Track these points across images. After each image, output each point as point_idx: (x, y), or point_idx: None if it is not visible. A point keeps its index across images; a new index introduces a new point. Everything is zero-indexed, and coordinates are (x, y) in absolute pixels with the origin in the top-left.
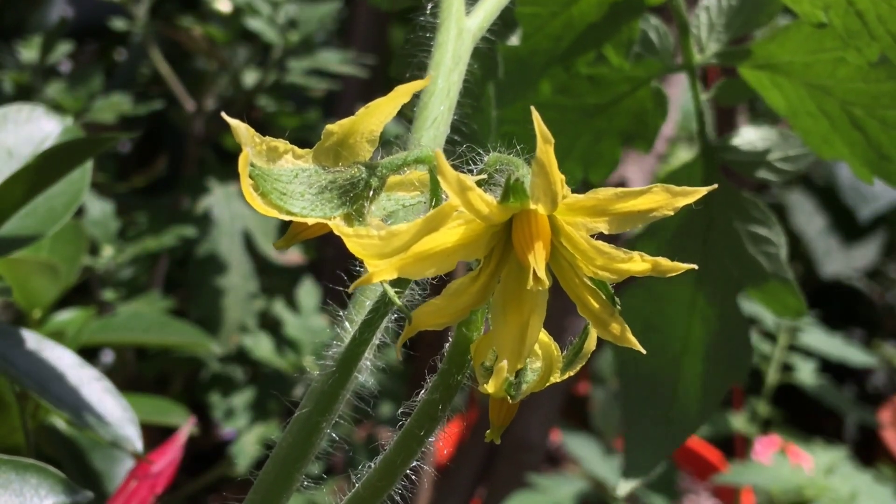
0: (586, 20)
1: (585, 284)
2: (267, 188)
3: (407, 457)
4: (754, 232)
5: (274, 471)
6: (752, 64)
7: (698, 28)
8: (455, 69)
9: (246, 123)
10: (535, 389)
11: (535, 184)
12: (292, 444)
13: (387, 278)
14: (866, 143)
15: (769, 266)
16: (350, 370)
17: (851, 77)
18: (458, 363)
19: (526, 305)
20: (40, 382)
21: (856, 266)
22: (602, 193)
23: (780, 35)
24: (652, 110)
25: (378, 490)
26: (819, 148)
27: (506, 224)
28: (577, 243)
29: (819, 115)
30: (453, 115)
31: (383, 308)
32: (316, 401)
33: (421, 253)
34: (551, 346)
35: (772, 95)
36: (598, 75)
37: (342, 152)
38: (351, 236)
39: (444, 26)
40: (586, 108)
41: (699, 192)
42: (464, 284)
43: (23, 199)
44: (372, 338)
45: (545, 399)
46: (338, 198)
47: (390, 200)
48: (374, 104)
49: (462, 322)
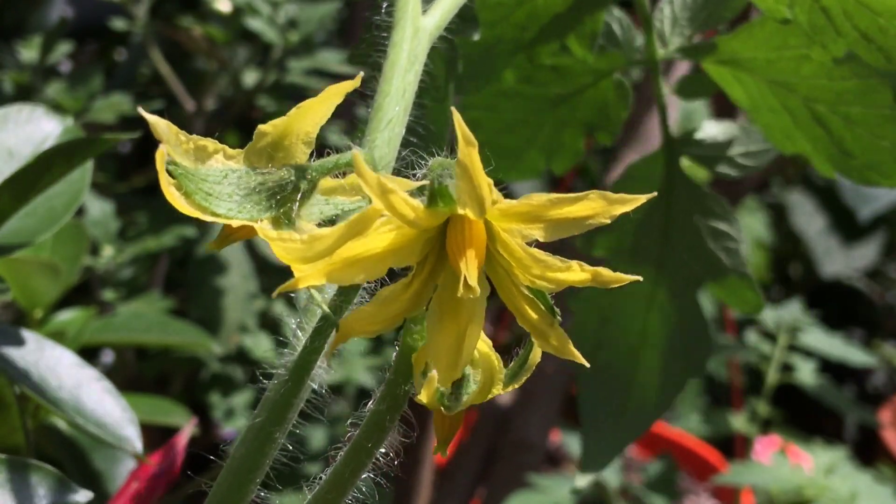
0: (551, 11)
1: (523, 294)
2: (191, 188)
3: (356, 469)
4: (714, 227)
5: (227, 481)
6: (715, 59)
7: (661, 22)
8: (411, 69)
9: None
10: (475, 401)
11: (460, 188)
12: (245, 454)
13: (313, 283)
14: (829, 139)
15: (729, 261)
16: (303, 379)
17: (815, 74)
18: (404, 373)
19: (463, 314)
20: (40, 382)
21: (856, 266)
22: (536, 199)
23: (744, 31)
24: (614, 102)
25: (328, 503)
26: (781, 143)
27: (441, 229)
28: (513, 251)
29: (781, 111)
30: (410, 117)
31: (333, 316)
32: (269, 410)
33: (349, 258)
34: (492, 357)
35: (734, 91)
36: (562, 65)
37: (276, 154)
38: (275, 240)
39: (399, 25)
40: (549, 97)
41: (638, 199)
42: (395, 291)
43: (23, 199)
44: (323, 345)
45: (545, 399)
46: (265, 200)
47: (329, 205)
48: (305, 104)
49: (406, 331)
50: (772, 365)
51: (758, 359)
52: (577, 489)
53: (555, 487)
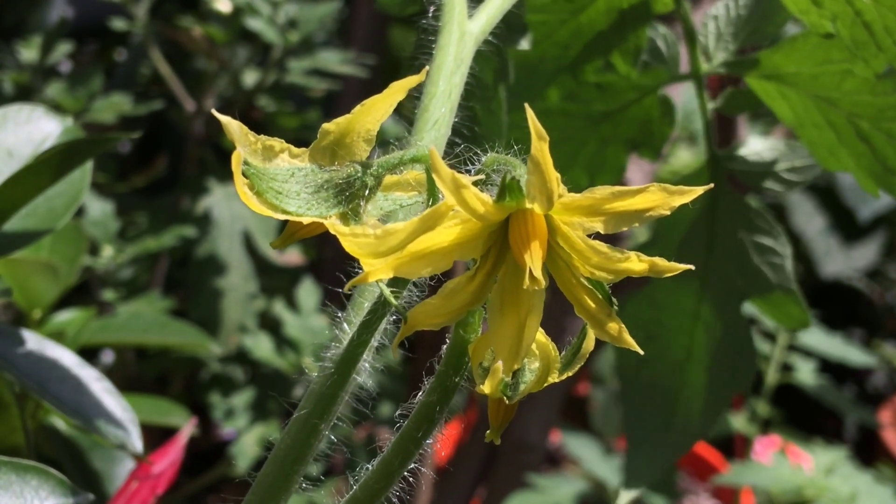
0: (594, 28)
1: (582, 284)
2: (262, 187)
3: (405, 459)
4: (759, 242)
5: (272, 472)
6: (758, 74)
7: (706, 37)
8: (457, 72)
9: (243, 123)
10: (532, 390)
11: (531, 182)
12: (291, 445)
13: (383, 277)
14: (872, 155)
15: (774, 277)
16: (348, 372)
17: (858, 89)
18: (455, 365)
19: (523, 305)
20: (40, 382)
21: (856, 266)
22: (598, 192)
23: (787, 45)
24: (658, 119)
25: (376, 492)
26: (825, 160)
27: (503, 224)
28: (574, 243)
29: (825, 127)
30: (455, 118)
31: (381, 310)
32: (314, 402)
33: (417, 252)
34: (549, 347)
35: (778, 106)
36: (606, 82)
37: (339, 151)
38: (346, 235)
39: (445, 29)
40: (593, 115)
41: (695, 191)
42: (460, 284)
43: (23, 199)
44: (370, 339)
45: (545, 399)
46: (334, 197)
47: (387, 200)
48: (369, 102)
49: (459, 324)
50: (772, 365)
51: (758, 359)
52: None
53: (555, 487)
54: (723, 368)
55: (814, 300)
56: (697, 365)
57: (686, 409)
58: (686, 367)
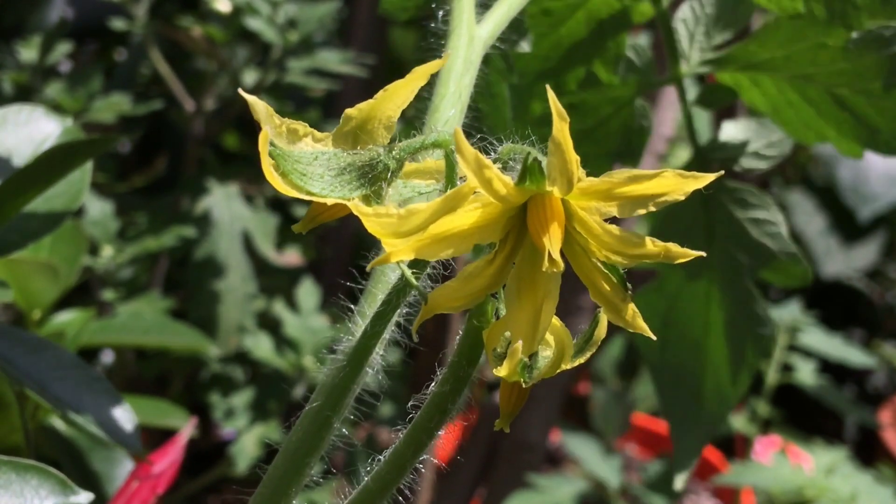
0: (574, 37)
1: (598, 268)
2: (287, 168)
3: (417, 449)
4: (755, 217)
5: (283, 465)
6: (736, 67)
7: (678, 41)
8: (466, 74)
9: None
10: (546, 375)
11: (552, 163)
12: (302, 438)
13: (404, 258)
14: (854, 119)
15: (774, 245)
16: (361, 364)
17: (833, 59)
18: (468, 354)
19: (540, 290)
20: (40, 382)
21: (856, 266)
22: (616, 176)
23: (760, 34)
24: (637, 129)
25: (387, 483)
26: (803, 135)
27: (520, 209)
28: (591, 227)
29: (802, 104)
30: (464, 120)
31: (395, 300)
32: (326, 395)
33: (438, 234)
34: (563, 332)
35: (751, 95)
36: (580, 102)
37: (361, 136)
38: (370, 215)
39: (455, 33)
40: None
41: (708, 177)
42: (479, 267)
43: (23, 199)
44: (383, 331)
45: (545, 399)
46: (356, 179)
47: (406, 187)
48: (392, 87)
49: (473, 313)
50: (772, 365)
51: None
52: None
53: (555, 487)
54: (742, 338)
55: (814, 300)
56: (717, 339)
57: (714, 381)
58: (705, 342)
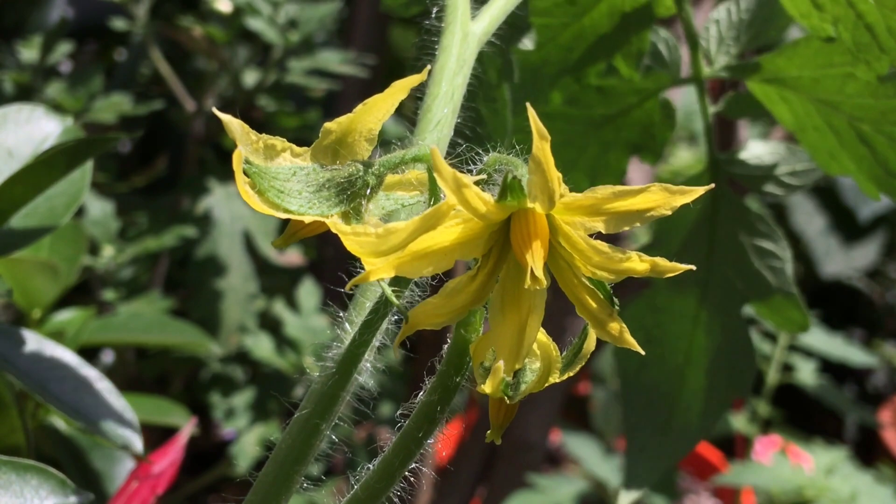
0: (597, 31)
1: (583, 284)
2: (264, 186)
3: (405, 458)
4: (760, 246)
5: (273, 472)
6: (760, 78)
7: (707, 41)
8: (459, 73)
9: (244, 123)
10: (533, 390)
11: (532, 181)
12: (291, 445)
13: (384, 276)
14: (873, 158)
15: (774, 280)
16: (350, 371)
17: (860, 92)
18: (456, 364)
19: (524, 305)
20: (40, 382)
21: (856, 266)
22: (600, 192)
23: (789, 50)
24: (660, 122)
25: (376, 492)
26: (826, 163)
27: (504, 223)
28: (576, 243)
29: (826, 131)
30: (457, 119)
31: (383, 309)
32: (315, 402)
33: (418, 251)
34: (550, 347)
35: (779, 110)
36: (608, 86)
37: (340, 151)
38: (348, 234)
39: (448, 30)
40: (594, 119)
41: (696, 191)
42: (461, 283)
43: (23, 199)
44: (372, 339)
45: (545, 399)
46: (335, 196)
47: (389, 200)
48: (371, 101)
49: (460, 323)
50: (772, 365)
51: (758, 359)
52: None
53: (555, 487)
54: (722, 372)
55: (814, 300)
56: (697, 368)
57: (685, 411)
58: (685, 370)
